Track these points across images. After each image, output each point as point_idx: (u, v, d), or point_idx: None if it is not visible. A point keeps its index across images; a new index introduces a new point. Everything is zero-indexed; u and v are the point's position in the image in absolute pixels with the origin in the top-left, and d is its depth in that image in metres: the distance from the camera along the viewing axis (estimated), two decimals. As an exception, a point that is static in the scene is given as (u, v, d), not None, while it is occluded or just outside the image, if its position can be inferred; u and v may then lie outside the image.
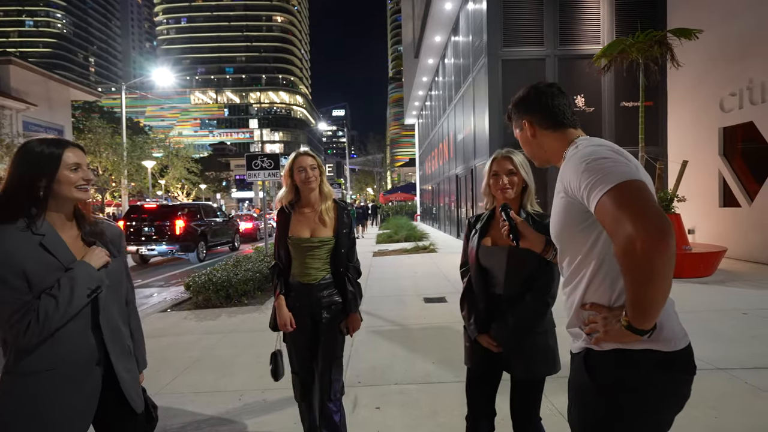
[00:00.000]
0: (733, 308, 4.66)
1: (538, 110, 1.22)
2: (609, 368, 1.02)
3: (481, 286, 1.68)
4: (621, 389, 1.01)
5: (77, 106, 32.63)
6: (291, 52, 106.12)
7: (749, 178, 8.21)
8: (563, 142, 1.17)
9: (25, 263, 1.13)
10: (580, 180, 0.98)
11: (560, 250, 1.17)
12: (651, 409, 1.00)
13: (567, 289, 1.16)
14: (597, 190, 0.93)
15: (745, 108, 7.96)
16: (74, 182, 1.22)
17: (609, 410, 1.02)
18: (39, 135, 20.42)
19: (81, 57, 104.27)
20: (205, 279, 5.66)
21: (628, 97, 9.94)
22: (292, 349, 2.07)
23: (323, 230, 2.03)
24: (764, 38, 7.55)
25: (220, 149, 78.76)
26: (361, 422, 2.53)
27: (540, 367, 1.60)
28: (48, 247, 1.18)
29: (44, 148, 1.20)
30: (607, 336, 0.99)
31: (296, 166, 2.01)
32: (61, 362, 1.19)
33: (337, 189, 24.73)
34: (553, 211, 1.15)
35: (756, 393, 2.70)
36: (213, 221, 12.43)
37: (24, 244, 1.15)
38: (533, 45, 10.17)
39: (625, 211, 0.87)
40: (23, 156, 1.20)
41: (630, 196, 0.89)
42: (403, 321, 4.62)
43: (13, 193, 1.18)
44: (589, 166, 0.97)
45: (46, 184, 1.18)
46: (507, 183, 1.61)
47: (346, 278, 2.07)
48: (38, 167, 1.18)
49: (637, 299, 0.90)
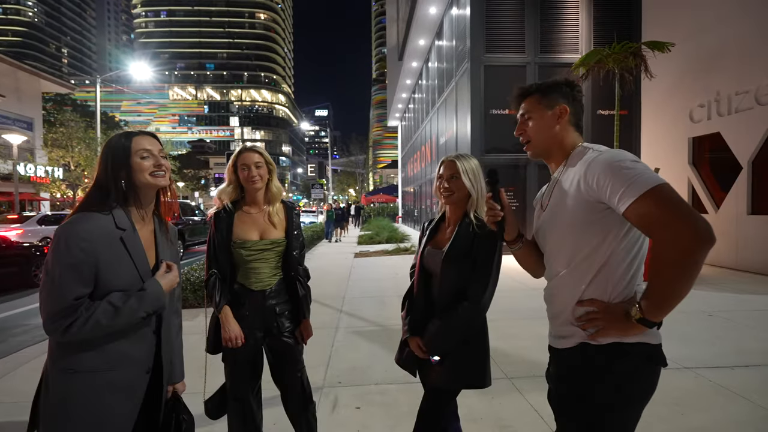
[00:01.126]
0: (699, 310, 4.87)
1: (579, 105, 1.24)
2: (606, 360, 1.07)
3: (421, 288, 1.67)
4: (617, 380, 1.06)
5: (48, 99, 31.40)
6: (274, 50, 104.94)
7: (715, 186, 8.60)
8: (571, 142, 1.23)
9: (102, 254, 1.14)
10: (612, 180, 1.00)
11: (557, 246, 1.18)
12: (638, 398, 1.08)
13: (557, 284, 1.18)
14: (635, 190, 0.96)
15: (713, 119, 8.34)
16: (146, 169, 1.24)
17: (605, 400, 1.07)
18: (5, 127, 19.56)
19: (53, 48, 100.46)
20: (183, 279, 5.55)
21: (604, 106, 10.27)
22: (233, 369, 1.81)
23: (273, 231, 1.85)
24: (730, 52, 7.93)
25: (200, 147, 77.17)
26: (342, 422, 2.53)
27: (448, 378, 1.56)
28: (126, 244, 1.19)
29: (119, 140, 1.25)
30: (611, 329, 1.05)
31: (239, 163, 1.82)
32: (120, 363, 1.18)
33: (318, 189, 24.53)
34: (559, 207, 1.17)
35: (718, 390, 2.83)
36: (191, 220, 12.20)
37: (106, 235, 1.16)
38: (515, 52, 10.39)
39: (673, 211, 0.92)
40: (105, 151, 1.24)
41: (674, 197, 0.94)
42: (384, 322, 4.64)
43: (100, 187, 1.22)
44: (624, 168, 1.00)
45: (125, 175, 1.22)
46: (448, 187, 1.61)
47: (298, 282, 1.90)
48: (116, 159, 1.22)
49: (666, 294, 0.96)
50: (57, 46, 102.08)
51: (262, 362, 1.89)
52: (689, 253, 0.91)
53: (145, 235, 1.26)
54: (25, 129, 21.06)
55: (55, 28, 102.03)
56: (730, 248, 7.89)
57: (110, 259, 1.15)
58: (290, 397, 1.88)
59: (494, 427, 2.40)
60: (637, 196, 0.95)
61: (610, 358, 1.06)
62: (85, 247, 1.11)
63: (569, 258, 1.14)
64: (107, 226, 1.17)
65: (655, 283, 0.97)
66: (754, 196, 7.61)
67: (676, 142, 9.29)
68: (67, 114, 23.50)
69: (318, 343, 3.91)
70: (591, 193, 1.06)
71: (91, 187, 1.24)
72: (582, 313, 1.11)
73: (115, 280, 1.16)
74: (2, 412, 2.71)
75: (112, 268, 1.15)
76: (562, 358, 1.18)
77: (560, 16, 10.52)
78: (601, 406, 1.07)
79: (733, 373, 3.11)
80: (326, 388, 3.01)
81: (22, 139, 17.12)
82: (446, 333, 1.55)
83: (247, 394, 1.82)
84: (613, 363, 1.06)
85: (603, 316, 1.06)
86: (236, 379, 1.81)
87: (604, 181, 1.02)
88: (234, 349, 1.76)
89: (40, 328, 4.92)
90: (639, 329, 1.01)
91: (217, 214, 1.85)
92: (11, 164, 17.39)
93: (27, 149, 21.27)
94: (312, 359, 3.43)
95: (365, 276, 7.74)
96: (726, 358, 3.40)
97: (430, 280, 1.67)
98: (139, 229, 1.25)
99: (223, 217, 1.83)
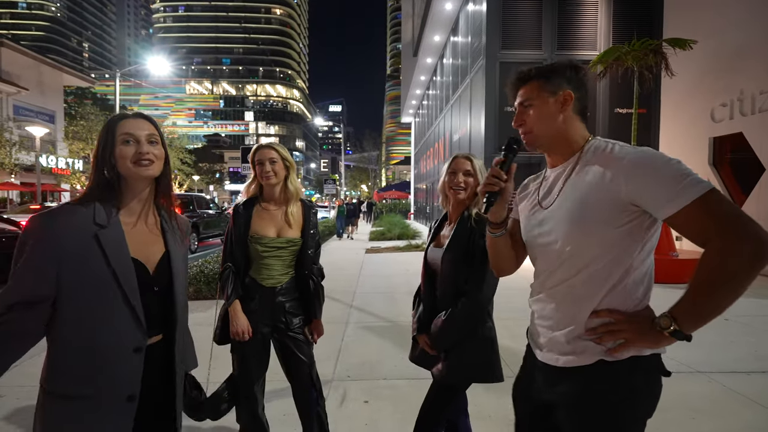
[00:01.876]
0: (716, 314, 4.77)
1: (584, 90, 1.11)
2: (627, 376, 0.99)
3: (428, 286, 1.73)
4: (637, 396, 1.00)
5: (70, 92, 32.16)
6: (289, 46, 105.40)
7: (736, 188, 8.38)
8: (580, 134, 1.10)
9: (65, 250, 1.01)
10: (657, 182, 0.92)
11: (571, 250, 1.04)
12: (650, 412, 1.02)
13: (564, 291, 1.06)
14: (686, 195, 0.88)
15: (735, 119, 8.12)
16: (127, 156, 1.07)
17: (628, 418, 1.00)
18: (29, 120, 20.10)
19: (75, 42, 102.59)
20: (197, 271, 5.65)
21: (622, 104, 10.08)
22: (241, 362, 1.83)
23: (290, 230, 1.86)
24: (755, 51, 7.69)
25: (215, 141, 78.06)
26: (350, 416, 2.57)
27: (452, 373, 1.58)
28: (101, 241, 1.04)
29: (109, 122, 1.10)
30: (640, 341, 0.96)
31: (256, 159, 1.84)
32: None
33: (331, 185, 24.66)
34: (578, 207, 1.02)
35: (732, 396, 2.78)
36: (206, 213, 12.38)
37: (77, 231, 1.03)
38: (531, 49, 10.25)
39: (733, 221, 0.86)
40: (100, 135, 1.11)
41: (731, 204, 0.88)
42: (395, 318, 4.66)
43: (94, 173, 1.09)
44: (669, 169, 0.92)
45: (110, 163, 1.07)
46: (461, 182, 1.64)
47: (311, 281, 1.90)
48: (102, 145, 1.08)
49: (710, 307, 0.89)
50: (78, 40, 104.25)
51: (268, 357, 1.90)
52: (749, 267, 0.84)
53: (144, 229, 1.14)
54: (47, 121, 21.64)
55: (77, 22, 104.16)
56: (750, 252, 7.69)
57: (74, 258, 1.01)
58: (299, 391, 1.90)
59: (503, 425, 2.41)
60: (689, 202, 0.87)
61: (631, 374, 0.98)
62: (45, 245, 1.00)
63: (586, 263, 1.01)
64: (81, 219, 1.04)
65: (699, 294, 0.89)
66: (776, 199, 7.40)
67: (696, 141, 9.07)
68: (88, 107, 24.06)
69: (328, 337, 3.94)
70: (625, 194, 0.95)
71: (90, 179, 1.12)
72: (598, 324, 1.00)
73: (78, 279, 1.02)
74: (24, 396, 2.82)
75: (74, 267, 1.02)
76: (568, 378, 1.04)
77: (578, 12, 10.33)
78: (624, 425, 1.01)
79: (749, 378, 3.05)
80: (335, 381, 3.05)
81: (44, 132, 17.60)
82: (447, 329, 1.58)
83: (252, 386, 1.84)
84: (633, 379, 0.98)
85: (628, 327, 0.96)
86: (243, 372, 1.84)
87: (644, 182, 0.93)
88: (242, 343, 1.80)
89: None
90: (670, 341, 0.93)
91: (236, 209, 1.88)
92: (34, 156, 17.90)
93: (49, 141, 21.87)
94: (322, 353, 3.47)
95: (376, 272, 7.77)
96: (742, 363, 3.34)
97: (435, 278, 1.70)
98: (135, 223, 1.13)
99: (242, 212, 1.86)
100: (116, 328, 1.06)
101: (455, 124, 14.35)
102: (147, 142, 1.09)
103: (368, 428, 2.43)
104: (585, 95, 1.12)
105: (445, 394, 1.64)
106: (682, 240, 9.16)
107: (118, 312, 1.06)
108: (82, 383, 1.04)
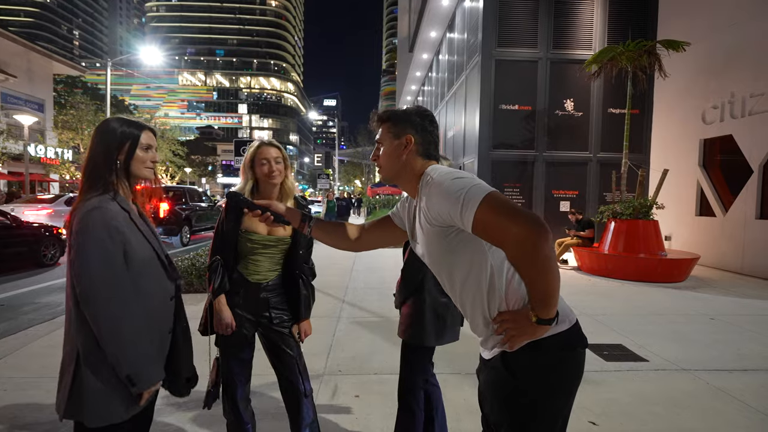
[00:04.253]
0: (701, 313, 4.86)
1: (428, 135, 1.26)
2: (525, 361, 1.07)
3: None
4: (538, 376, 1.07)
5: (59, 80, 31.54)
6: (284, 38, 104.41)
7: (725, 189, 8.51)
8: (419, 170, 1.23)
9: (127, 235, 1.25)
10: (448, 203, 1.04)
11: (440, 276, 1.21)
12: (562, 386, 1.09)
13: (460, 302, 1.18)
14: (468, 208, 1.00)
15: (725, 121, 8.23)
16: (144, 161, 1.35)
17: (530, 397, 1.07)
18: (17, 108, 19.72)
19: (65, 29, 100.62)
20: (188, 264, 5.62)
21: (615, 104, 10.16)
22: (224, 356, 1.85)
23: (281, 229, 1.85)
24: (746, 54, 7.79)
25: (207, 133, 77.30)
26: (340, 409, 2.59)
27: (406, 331, 1.94)
28: (136, 223, 1.30)
29: (125, 128, 1.32)
30: (523, 335, 1.06)
31: (258, 158, 1.82)
32: None
33: (325, 179, 24.59)
34: (425, 240, 1.18)
35: (716, 393, 2.85)
36: (198, 206, 12.27)
37: (123, 217, 1.26)
38: (527, 47, 10.27)
39: (504, 217, 0.97)
40: (106, 134, 1.31)
41: (501, 202, 0.99)
42: (386, 313, 4.68)
43: (99, 166, 1.28)
44: (452, 187, 1.04)
45: (123, 160, 1.31)
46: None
47: (300, 280, 1.90)
48: (119, 145, 1.30)
49: (540, 291, 1.00)
50: (69, 28, 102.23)
51: (252, 352, 1.90)
52: (534, 248, 0.95)
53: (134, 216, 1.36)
54: (36, 110, 21.24)
55: (68, 9, 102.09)
56: (737, 252, 7.84)
57: (131, 239, 1.25)
58: (285, 385, 1.90)
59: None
60: (475, 210, 0.99)
61: (529, 358, 1.07)
62: (116, 237, 1.21)
63: (455, 283, 1.15)
64: (117, 207, 1.25)
65: (528, 285, 1.03)
66: (763, 201, 7.53)
67: (687, 143, 9.18)
68: (78, 96, 23.70)
69: (320, 332, 3.96)
70: (438, 222, 1.10)
71: (91, 169, 1.28)
72: (498, 324, 1.11)
73: (138, 257, 1.26)
74: (12, 387, 2.80)
75: (136, 249, 1.26)
76: (486, 367, 1.18)
77: (574, 12, 10.37)
78: (526, 404, 1.07)
79: (731, 376, 3.12)
80: (326, 375, 3.06)
81: (33, 120, 17.28)
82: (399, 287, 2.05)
83: (234, 380, 1.85)
84: (532, 361, 1.07)
85: (513, 325, 1.06)
86: (225, 365, 1.86)
87: (441, 207, 1.06)
88: (225, 336, 1.82)
89: (49, 306, 5.03)
90: (544, 329, 1.04)
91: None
92: (22, 145, 17.59)
93: (38, 130, 21.48)
94: (313, 348, 3.49)
95: (369, 267, 7.78)
96: (725, 361, 3.41)
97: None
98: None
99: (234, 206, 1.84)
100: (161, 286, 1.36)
101: (450, 120, 14.36)
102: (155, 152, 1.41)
103: (358, 422, 2.45)
104: (429, 139, 1.26)
105: (402, 350, 1.99)
106: (671, 240, 9.30)
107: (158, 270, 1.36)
108: None
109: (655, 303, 5.38)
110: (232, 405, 1.87)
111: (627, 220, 7.21)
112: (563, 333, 1.08)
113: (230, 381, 1.86)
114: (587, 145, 10.33)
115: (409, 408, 1.91)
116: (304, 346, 1.97)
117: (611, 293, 5.92)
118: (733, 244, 7.93)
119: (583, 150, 10.35)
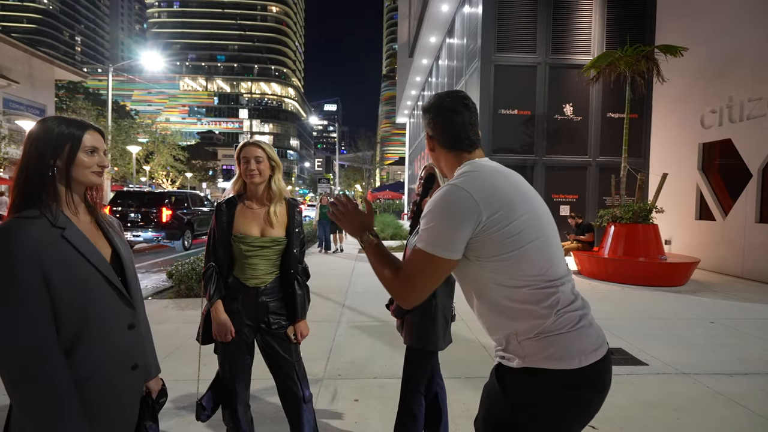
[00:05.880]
0: (701, 317, 4.86)
1: (442, 124, 1.19)
2: (517, 381, 1.06)
3: None
4: (524, 401, 1.04)
5: (61, 86, 31.73)
6: (285, 44, 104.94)
7: (724, 193, 8.52)
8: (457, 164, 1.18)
9: (44, 259, 1.00)
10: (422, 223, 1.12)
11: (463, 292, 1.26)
12: (551, 423, 1.04)
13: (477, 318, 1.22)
14: (421, 240, 1.09)
15: (724, 125, 8.25)
16: (89, 166, 1.13)
17: (511, 419, 1.05)
18: (19, 114, 19.82)
19: (67, 35, 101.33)
20: (189, 268, 5.63)
21: (614, 109, 10.20)
22: (224, 363, 1.83)
23: (274, 229, 1.83)
24: (745, 58, 7.83)
25: (208, 138, 77.52)
26: (340, 414, 2.58)
27: (405, 337, 1.96)
28: (71, 241, 1.06)
29: (64, 128, 1.11)
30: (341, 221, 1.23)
31: (241, 156, 1.81)
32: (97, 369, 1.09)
33: (325, 184, 24.59)
34: None
35: (716, 397, 2.84)
36: (200, 210, 12.31)
37: (43, 236, 1.02)
38: (526, 52, 10.33)
39: (412, 273, 1.09)
40: (41, 135, 1.10)
41: (419, 261, 1.08)
42: (386, 317, 4.68)
43: (32, 179, 1.07)
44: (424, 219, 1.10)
45: (61, 166, 1.09)
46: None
47: (296, 281, 1.88)
48: (57, 148, 1.09)
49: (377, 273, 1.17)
50: (71, 33, 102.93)
51: (252, 357, 1.88)
52: (393, 292, 1.14)
53: (84, 228, 1.15)
54: (37, 115, 21.33)
55: (69, 15, 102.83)
56: (737, 256, 7.83)
57: (56, 265, 1.02)
58: (284, 390, 1.89)
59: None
60: (416, 246, 1.10)
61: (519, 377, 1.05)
62: (20, 258, 0.98)
63: (472, 303, 1.17)
64: (39, 225, 1.03)
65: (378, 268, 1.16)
66: (763, 205, 7.54)
67: (685, 147, 9.20)
68: (79, 102, 23.79)
69: (319, 336, 3.96)
70: None
71: (22, 180, 1.07)
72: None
73: (70, 285, 1.04)
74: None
75: (62, 274, 1.03)
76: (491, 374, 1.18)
77: (573, 17, 10.44)
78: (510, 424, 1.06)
79: (732, 380, 3.12)
80: (326, 380, 3.06)
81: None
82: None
83: (235, 387, 1.83)
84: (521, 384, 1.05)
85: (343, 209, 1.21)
86: (225, 372, 1.83)
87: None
88: (224, 343, 1.79)
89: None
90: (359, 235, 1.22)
91: (219, 207, 1.85)
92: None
93: (39, 136, 21.50)
94: (313, 352, 3.49)
95: (368, 271, 7.78)
96: (726, 365, 3.40)
97: None
98: (75, 223, 1.12)
99: (224, 210, 1.83)
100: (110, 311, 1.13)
101: (450, 125, 14.40)
102: (104, 155, 1.20)
103: (358, 426, 2.45)
104: (447, 127, 1.18)
105: (408, 354, 1.97)
106: (671, 244, 9.30)
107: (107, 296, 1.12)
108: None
109: (655, 307, 5.37)
110: (231, 412, 1.86)
111: (627, 224, 7.22)
112: (564, 372, 1.02)
113: (232, 388, 1.84)
114: (586, 150, 10.37)
115: (410, 410, 1.92)
116: (303, 350, 1.97)
117: (611, 297, 5.92)
118: (733, 247, 7.93)
119: (583, 154, 10.38)
